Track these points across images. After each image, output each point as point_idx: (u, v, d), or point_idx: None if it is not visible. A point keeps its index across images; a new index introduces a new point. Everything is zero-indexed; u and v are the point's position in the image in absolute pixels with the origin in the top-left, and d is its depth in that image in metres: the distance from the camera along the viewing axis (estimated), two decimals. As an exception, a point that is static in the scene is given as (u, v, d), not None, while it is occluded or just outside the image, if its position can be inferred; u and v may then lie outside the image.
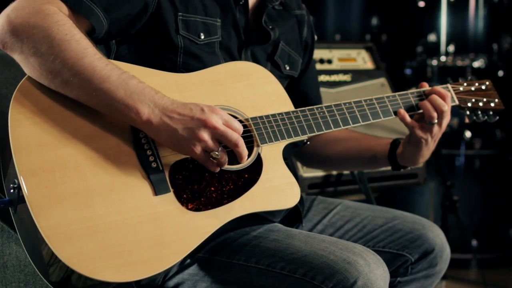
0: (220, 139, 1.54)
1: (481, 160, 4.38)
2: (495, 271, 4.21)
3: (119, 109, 1.49)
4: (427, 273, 1.97)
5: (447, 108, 1.90)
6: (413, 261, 1.95)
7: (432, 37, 4.64)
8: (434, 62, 4.50)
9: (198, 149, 1.53)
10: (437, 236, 1.97)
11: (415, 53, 4.69)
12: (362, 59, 3.35)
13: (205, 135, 1.51)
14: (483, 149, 4.37)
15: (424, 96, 1.95)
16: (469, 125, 4.32)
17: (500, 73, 4.44)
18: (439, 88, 1.95)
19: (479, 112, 2.06)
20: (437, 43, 4.62)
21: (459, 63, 4.45)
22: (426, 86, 1.99)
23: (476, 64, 4.42)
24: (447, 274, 2.98)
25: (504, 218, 4.42)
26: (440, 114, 1.90)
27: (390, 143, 2.03)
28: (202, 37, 1.78)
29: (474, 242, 4.31)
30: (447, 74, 4.48)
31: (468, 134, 4.35)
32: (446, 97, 1.92)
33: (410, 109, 1.94)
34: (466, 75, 4.38)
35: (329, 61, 3.24)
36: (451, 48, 4.58)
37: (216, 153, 1.54)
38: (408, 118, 1.91)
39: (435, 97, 1.91)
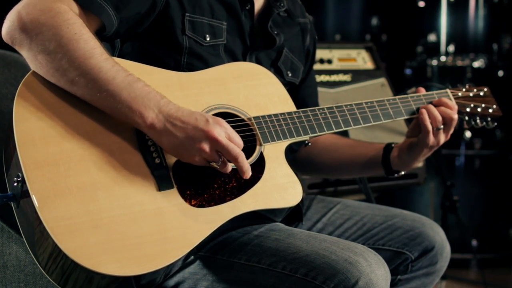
0: (221, 151, 1.54)
1: (481, 160, 4.38)
2: (495, 271, 4.21)
3: (123, 111, 1.50)
4: (427, 270, 1.98)
5: (456, 116, 1.93)
6: (413, 258, 1.96)
7: (432, 37, 4.64)
8: (434, 62, 4.50)
9: (198, 158, 1.54)
10: (437, 234, 1.98)
11: (415, 53, 4.69)
12: (362, 59, 3.35)
13: (206, 147, 1.52)
14: (483, 149, 4.37)
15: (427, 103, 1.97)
16: (469, 125, 4.32)
17: (500, 73, 4.44)
18: (447, 100, 1.96)
19: (478, 118, 2.07)
20: (437, 43, 4.62)
21: (459, 63, 4.45)
22: (423, 91, 2.00)
23: (476, 64, 4.42)
24: (447, 274, 2.98)
25: (504, 218, 4.43)
26: (450, 121, 1.92)
27: (383, 148, 2.04)
28: (208, 38, 1.78)
29: (474, 242, 4.31)
30: (447, 74, 4.48)
31: (468, 134, 4.36)
32: (454, 109, 1.95)
33: (410, 113, 1.96)
34: (466, 75, 4.38)
35: (329, 61, 3.25)
36: (451, 48, 4.58)
37: (215, 164, 1.55)
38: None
39: (442, 107, 1.94)
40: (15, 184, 1.45)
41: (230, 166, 1.58)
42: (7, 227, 1.72)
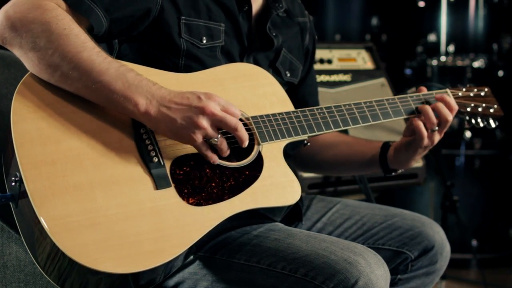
0: (219, 125, 1.56)
1: (481, 160, 4.38)
2: (495, 271, 4.21)
3: (118, 101, 1.51)
4: (427, 270, 1.98)
5: (451, 118, 1.92)
6: (413, 258, 1.96)
7: (432, 37, 4.64)
8: (434, 62, 4.50)
9: (198, 137, 1.54)
10: (437, 233, 1.98)
11: (415, 53, 4.69)
12: (362, 59, 3.35)
13: (204, 122, 1.53)
14: (483, 149, 4.37)
15: (426, 103, 1.97)
16: (469, 125, 4.32)
17: (500, 73, 4.45)
18: (447, 97, 1.96)
19: (478, 118, 2.07)
20: (437, 43, 4.62)
21: (459, 63, 4.45)
22: (424, 90, 2.00)
23: (476, 64, 4.42)
24: (447, 274, 2.98)
25: (504, 218, 4.43)
26: (445, 123, 1.92)
27: (380, 146, 2.04)
28: (204, 41, 1.79)
29: (474, 242, 4.31)
30: (447, 74, 4.48)
31: (468, 134, 4.36)
32: (453, 110, 1.94)
33: (410, 112, 1.95)
34: (466, 75, 4.39)
35: (329, 61, 3.25)
36: (451, 48, 4.58)
37: (216, 139, 1.56)
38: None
39: (441, 105, 1.93)
40: (13, 184, 1.45)
41: (227, 146, 1.59)
42: (7, 227, 1.72)
